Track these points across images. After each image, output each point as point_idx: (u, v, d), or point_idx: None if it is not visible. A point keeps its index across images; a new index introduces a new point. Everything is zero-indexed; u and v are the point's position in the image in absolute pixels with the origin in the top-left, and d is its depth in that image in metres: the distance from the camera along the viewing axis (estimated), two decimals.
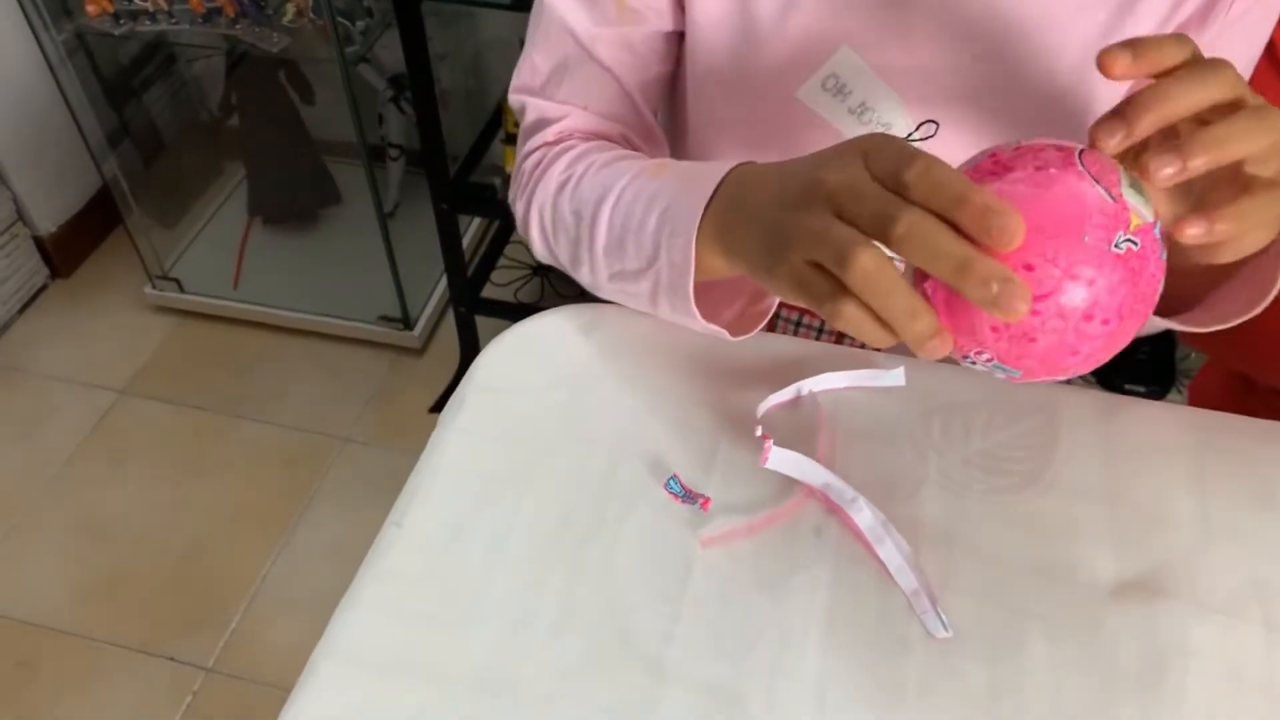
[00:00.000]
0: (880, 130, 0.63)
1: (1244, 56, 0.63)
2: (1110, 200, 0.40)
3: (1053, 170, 0.40)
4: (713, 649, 0.50)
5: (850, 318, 0.42)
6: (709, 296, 0.57)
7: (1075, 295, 0.40)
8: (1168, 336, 1.75)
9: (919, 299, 0.41)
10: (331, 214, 2.10)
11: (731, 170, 0.53)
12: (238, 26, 1.63)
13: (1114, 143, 0.41)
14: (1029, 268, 0.40)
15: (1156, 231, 0.42)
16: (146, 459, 1.80)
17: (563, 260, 0.66)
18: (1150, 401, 0.61)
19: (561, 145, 0.68)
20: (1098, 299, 0.40)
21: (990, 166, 0.42)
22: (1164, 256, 0.43)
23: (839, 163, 0.44)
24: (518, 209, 0.70)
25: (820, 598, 0.52)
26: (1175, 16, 0.60)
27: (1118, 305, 0.41)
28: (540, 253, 0.69)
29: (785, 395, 0.60)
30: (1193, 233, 0.42)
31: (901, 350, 0.50)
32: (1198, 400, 0.97)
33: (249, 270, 2.02)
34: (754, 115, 0.66)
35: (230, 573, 1.63)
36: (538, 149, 0.69)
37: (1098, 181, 0.40)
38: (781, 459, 0.54)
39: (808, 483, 0.55)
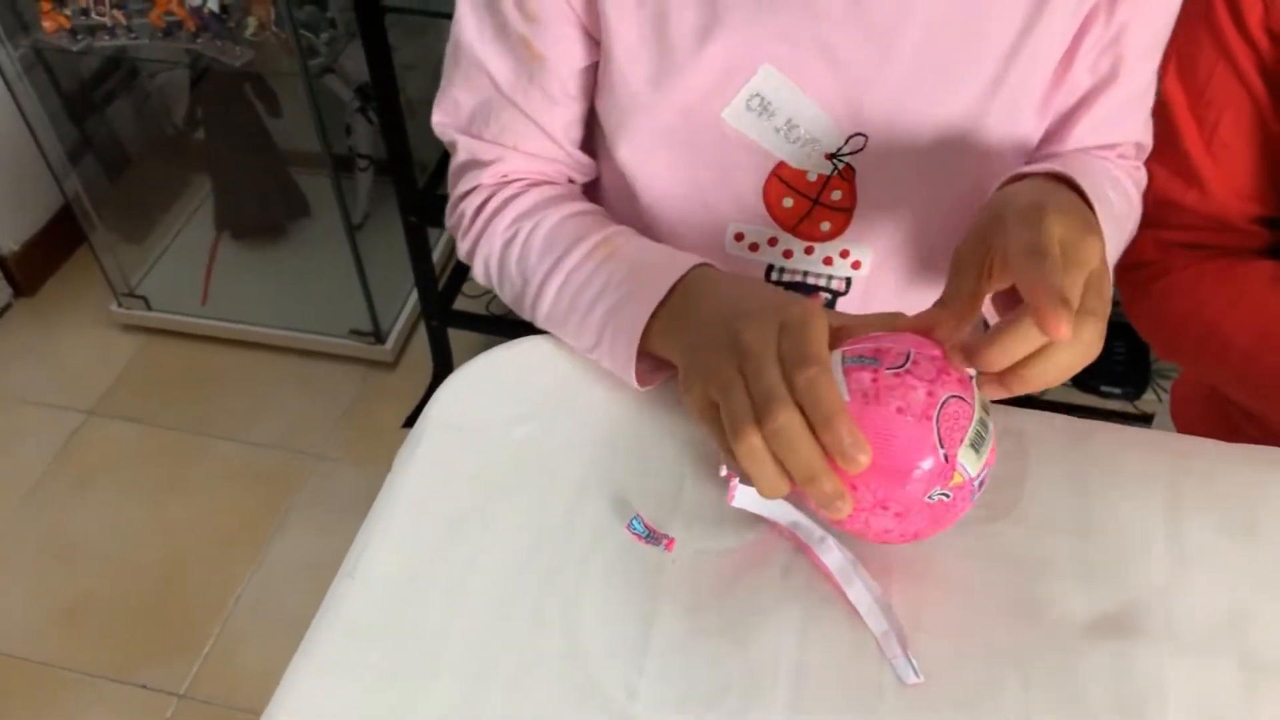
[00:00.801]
0: (808, 146, 0.64)
1: (1153, 28, 0.63)
2: (943, 461, 0.47)
3: (909, 419, 0.46)
4: (678, 701, 0.48)
5: (751, 462, 0.47)
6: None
7: (882, 519, 0.48)
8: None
9: (824, 460, 0.45)
10: (300, 227, 2.07)
11: (686, 275, 0.57)
12: (199, 41, 1.61)
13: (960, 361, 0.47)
14: (853, 488, 0.47)
15: (976, 482, 0.49)
16: (116, 480, 1.77)
17: (507, 301, 0.69)
18: (1123, 426, 0.60)
19: (503, 195, 0.67)
20: (899, 525, 0.48)
21: (870, 379, 0.47)
22: (976, 498, 0.50)
23: (758, 325, 0.49)
24: (462, 246, 0.71)
25: (789, 642, 0.50)
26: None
27: (914, 531, 0.49)
28: (483, 284, 0.71)
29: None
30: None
31: None
32: (1181, 401, 0.97)
33: (217, 286, 2.00)
34: (682, 140, 0.65)
35: (203, 595, 1.61)
36: (473, 190, 0.69)
37: (941, 443, 0.46)
38: (748, 497, 0.53)
39: (775, 521, 0.54)
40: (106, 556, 1.66)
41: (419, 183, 1.58)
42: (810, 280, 0.71)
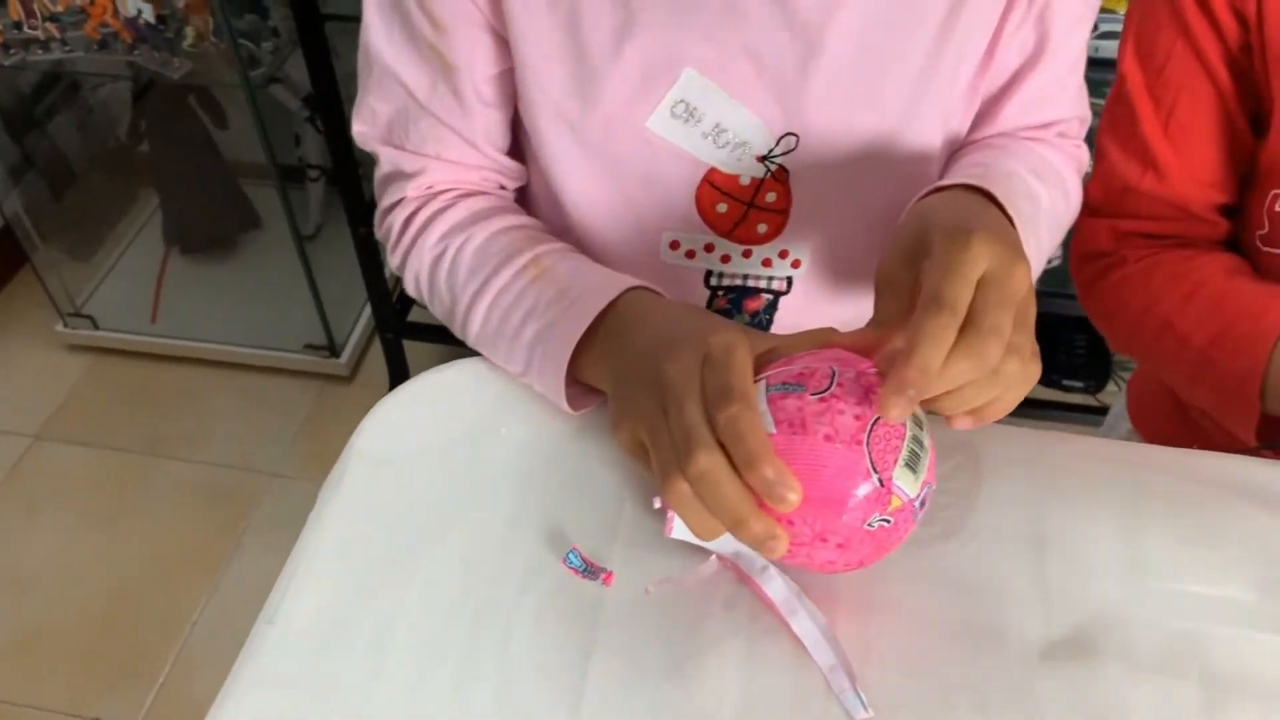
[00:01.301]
0: (739, 150, 0.62)
1: (1071, 13, 0.62)
2: (878, 485, 0.44)
3: (838, 445, 0.44)
4: None
5: (679, 503, 0.45)
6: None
7: (823, 552, 0.46)
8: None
9: (751, 505, 0.44)
10: (251, 240, 2.03)
11: (616, 300, 0.55)
12: (136, 53, 1.56)
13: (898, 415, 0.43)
14: (790, 523, 0.45)
15: (917, 503, 0.46)
16: (64, 506, 1.72)
17: (438, 316, 0.67)
18: (1077, 436, 0.58)
19: (431, 209, 0.65)
20: (842, 556, 0.46)
21: (795, 407, 0.45)
22: (920, 517, 0.47)
23: (680, 358, 0.47)
24: (393, 259, 0.69)
25: (731, 680, 0.48)
26: None
27: (859, 559, 0.47)
28: (416, 298, 0.70)
29: None
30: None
31: None
32: (1139, 396, 0.95)
33: (167, 303, 1.95)
34: (607, 151, 0.63)
35: (157, 622, 1.56)
36: (400, 203, 0.66)
37: (875, 468, 0.44)
38: (686, 528, 0.50)
39: (716, 552, 0.51)
40: (57, 585, 1.61)
41: (367, 193, 1.55)
42: (750, 283, 0.69)
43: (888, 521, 0.45)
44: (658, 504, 0.51)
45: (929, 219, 0.49)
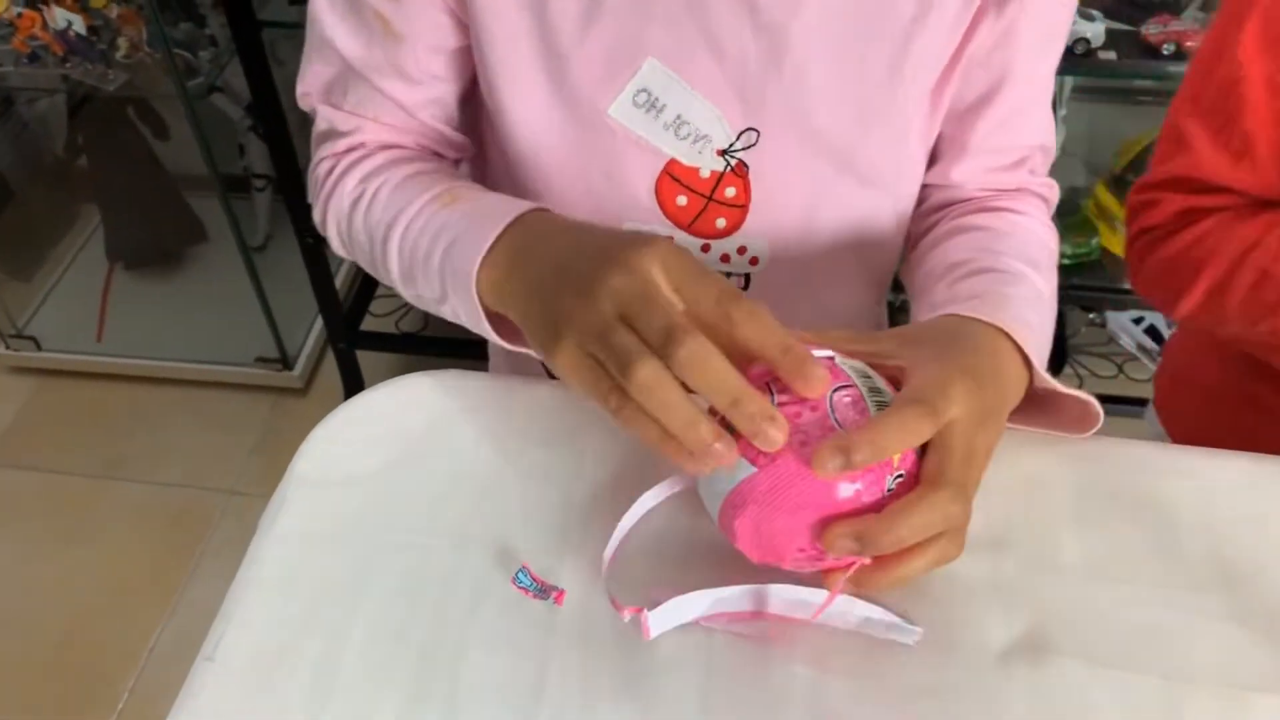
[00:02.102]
0: (699, 143, 0.61)
1: (1044, 24, 0.62)
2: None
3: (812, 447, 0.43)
4: None
5: (631, 419, 0.43)
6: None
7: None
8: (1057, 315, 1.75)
9: (697, 408, 0.42)
10: (198, 253, 1.99)
11: (522, 216, 0.53)
12: (68, 65, 1.52)
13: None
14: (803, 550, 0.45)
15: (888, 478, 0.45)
16: (13, 533, 1.67)
17: (365, 268, 0.66)
18: (1022, 432, 0.57)
19: (351, 158, 0.65)
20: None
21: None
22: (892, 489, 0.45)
23: (632, 263, 0.45)
24: (315, 214, 0.68)
25: (691, 699, 0.46)
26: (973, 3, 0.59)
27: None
28: (341, 254, 0.68)
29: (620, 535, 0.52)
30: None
31: None
32: (1171, 392, 0.93)
33: (113, 320, 1.90)
34: (569, 138, 0.62)
35: (114, 649, 1.53)
36: (328, 158, 0.66)
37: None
38: (663, 619, 0.48)
39: (707, 617, 0.49)
40: (7, 615, 1.57)
41: None
42: None
43: (902, 476, 0.45)
44: (627, 616, 0.47)
45: (956, 357, 0.49)
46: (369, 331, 1.73)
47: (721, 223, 0.65)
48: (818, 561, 0.45)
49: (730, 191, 0.64)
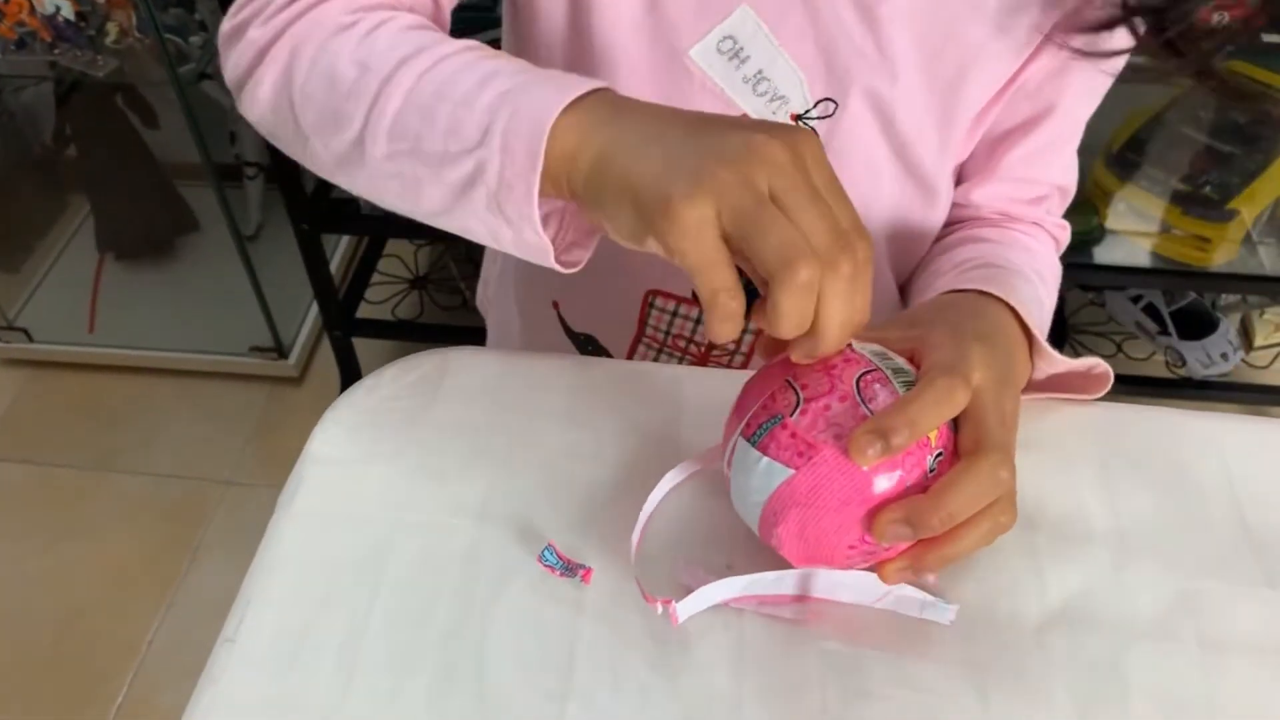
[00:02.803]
0: (775, 102, 0.59)
1: (1087, 80, 0.62)
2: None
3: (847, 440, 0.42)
4: None
5: (733, 318, 0.40)
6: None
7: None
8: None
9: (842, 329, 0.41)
10: (189, 242, 1.97)
11: (600, 87, 0.44)
12: (56, 52, 1.50)
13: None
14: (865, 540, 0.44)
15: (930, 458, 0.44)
16: (8, 527, 1.66)
17: (303, 121, 0.50)
18: (1047, 402, 0.57)
19: None
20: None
21: (789, 437, 0.43)
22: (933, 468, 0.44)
23: (793, 142, 0.40)
24: (254, 35, 0.52)
25: (723, 675, 0.46)
26: None
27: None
28: (261, 109, 0.52)
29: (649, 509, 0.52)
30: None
31: None
32: None
33: (105, 311, 1.88)
34: (645, 68, 0.59)
35: (112, 642, 1.51)
36: None
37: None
38: (691, 606, 0.47)
39: (737, 598, 0.48)
40: (3, 610, 1.55)
41: (308, 188, 1.50)
42: None
43: (941, 454, 0.44)
44: (660, 610, 0.46)
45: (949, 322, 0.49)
46: (364, 319, 1.71)
47: None
48: (870, 556, 0.44)
49: None
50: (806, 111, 0.60)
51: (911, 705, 0.45)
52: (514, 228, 0.45)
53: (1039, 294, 0.60)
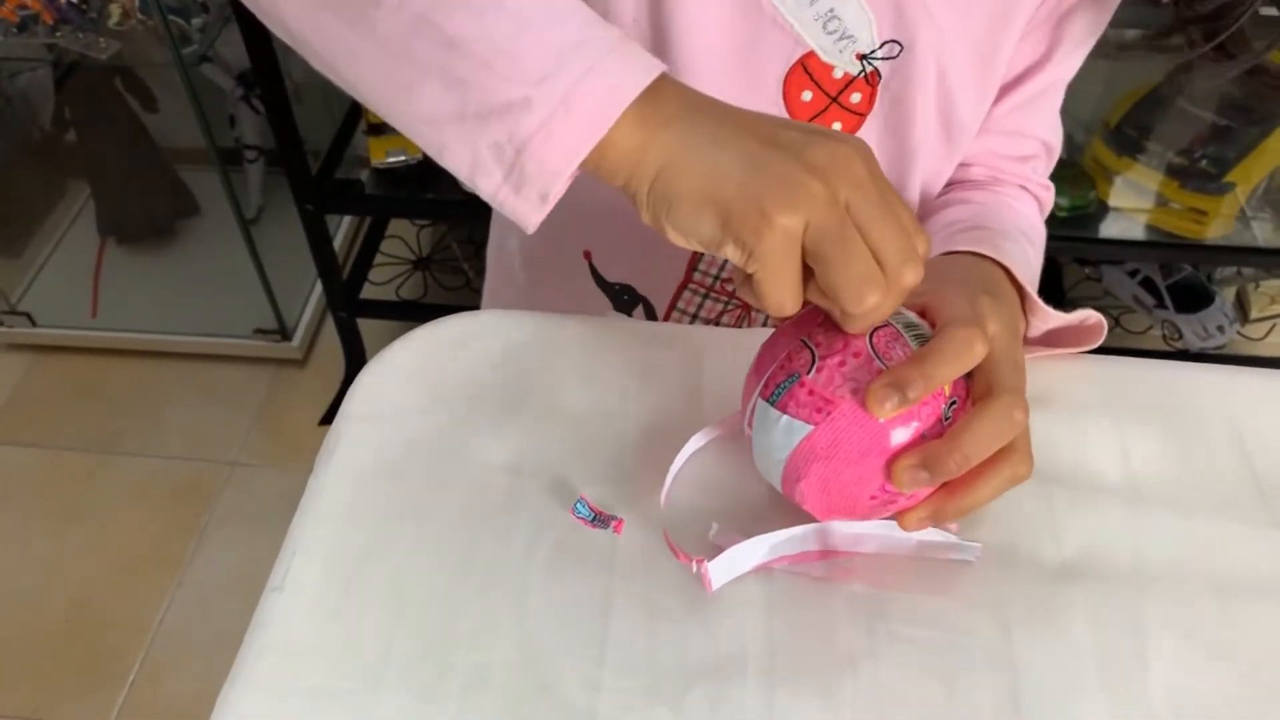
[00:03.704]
0: (844, 41, 0.60)
1: (1092, 17, 0.62)
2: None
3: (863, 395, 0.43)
4: (646, 691, 0.45)
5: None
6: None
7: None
8: (1052, 264, 1.77)
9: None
10: (191, 226, 1.97)
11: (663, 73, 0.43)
12: (59, 35, 1.50)
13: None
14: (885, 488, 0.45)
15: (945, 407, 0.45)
16: (16, 510, 1.67)
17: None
18: (1060, 359, 0.58)
19: None
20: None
21: (806, 394, 0.44)
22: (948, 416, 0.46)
23: (865, 152, 0.41)
24: None
25: (755, 618, 0.47)
26: None
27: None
28: None
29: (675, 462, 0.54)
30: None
31: None
32: None
33: (107, 295, 1.89)
34: (716, 10, 0.59)
35: (122, 622, 1.53)
36: None
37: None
38: (722, 570, 0.48)
39: (768, 561, 0.49)
40: (13, 592, 1.56)
41: (312, 169, 1.51)
42: None
43: (955, 402, 0.45)
44: (695, 569, 0.48)
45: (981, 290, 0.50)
46: (369, 299, 1.72)
47: (837, 126, 0.65)
48: (890, 505, 0.46)
49: (855, 98, 0.63)
50: (872, 52, 0.61)
51: (939, 643, 0.46)
52: (514, 180, 0.42)
53: (1027, 254, 0.62)
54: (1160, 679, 0.45)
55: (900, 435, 0.44)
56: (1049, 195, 0.72)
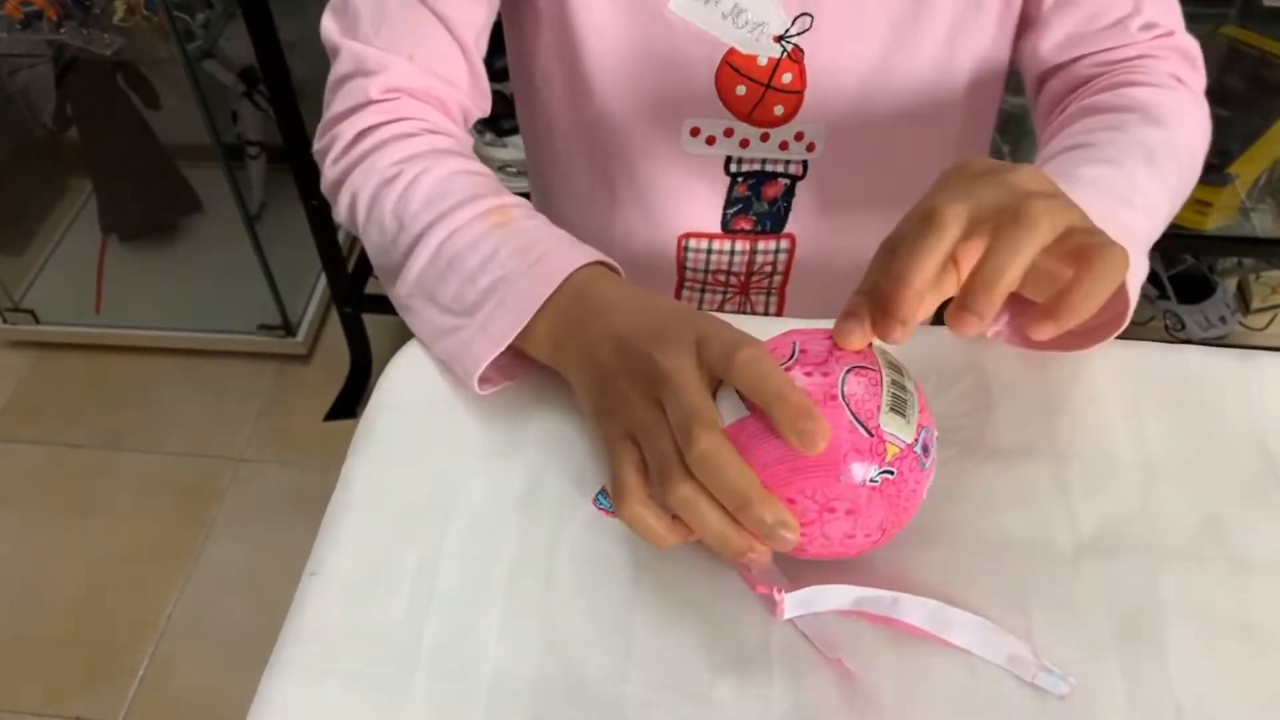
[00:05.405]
0: (756, 30, 0.63)
1: None
2: (867, 435, 0.43)
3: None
4: (673, 679, 0.46)
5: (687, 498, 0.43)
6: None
7: (838, 524, 0.44)
8: None
9: (727, 525, 0.43)
10: (193, 222, 1.97)
11: (576, 273, 0.52)
12: (63, 31, 1.51)
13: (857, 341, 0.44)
14: (791, 501, 0.43)
15: (917, 448, 0.44)
16: (22, 507, 1.67)
17: (368, 246, 0.62)
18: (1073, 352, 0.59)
19: (391, 131, 0.61)
20: (856, 525, 0.44)
21: None
22: (926, 465, 0.45)
23: (673, 345, 0.46)
24: (328, 172, 0.63)
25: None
26: None
27: (878, 523, 0.45)
28: (343, 221, 0.64)
29: None
30: (1041, 337, 0.43)
31: None
32: None
33: (111, 292, 1.89)
34: (630, 36, 0.63)
35: (131, 617, 1.53)
36: (358, 109, 0.62)
37: (856, 418, 0.43)
38: (796, 603, 0.46)
39: (841, 609, 0.48)
40: (22, 588, 1.57)
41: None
42: (768, 167, 0.71)
43: (890, 473, 0.43)
44: (763, 590, 0.46)
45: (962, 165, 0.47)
46: (374, 294, 1.72)
47: (779, 109, 0.67)
48: (809, 513, 0.44)
49: (786, 78, 0.66)
50: (787, 31, 0.64)
51: None
52: (464, 371, 0.55)
53: (1112, 180, 0.56)
54: (1177, 658, 0.46)
55: (832, 448, 0.42)
56: (1188, 45, 0.65)
